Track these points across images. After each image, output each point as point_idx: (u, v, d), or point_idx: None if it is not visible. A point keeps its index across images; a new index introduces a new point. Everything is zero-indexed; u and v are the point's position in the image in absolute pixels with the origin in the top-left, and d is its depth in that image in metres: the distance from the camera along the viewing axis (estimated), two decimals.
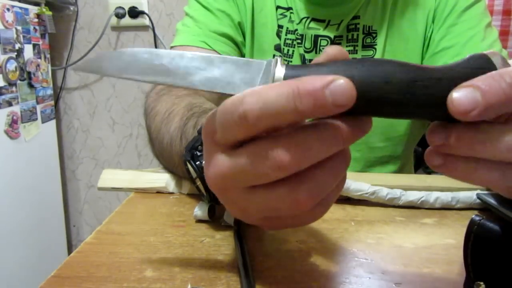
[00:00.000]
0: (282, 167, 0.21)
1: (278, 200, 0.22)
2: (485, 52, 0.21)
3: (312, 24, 0.65)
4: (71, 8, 1.53)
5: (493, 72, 0.20)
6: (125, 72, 0.24)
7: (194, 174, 0.37)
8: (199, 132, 0.38)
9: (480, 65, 0.21)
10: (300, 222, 0.26)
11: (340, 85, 0.20)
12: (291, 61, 0.67)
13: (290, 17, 0.66)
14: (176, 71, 0.24)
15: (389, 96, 0.21)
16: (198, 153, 0.36)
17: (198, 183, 0.38)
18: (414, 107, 0.21)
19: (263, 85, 0.21)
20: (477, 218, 0.26)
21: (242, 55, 0.69)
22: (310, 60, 0.66)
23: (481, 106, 0.19)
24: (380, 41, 0.64)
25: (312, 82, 0.20)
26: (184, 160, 0.37)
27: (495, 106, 0.19)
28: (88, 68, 0.25)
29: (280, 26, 0.67)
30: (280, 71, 0.22)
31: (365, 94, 0.21)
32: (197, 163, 0.36)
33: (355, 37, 0.65)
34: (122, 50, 0.25)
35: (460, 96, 0.19)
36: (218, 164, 0.23)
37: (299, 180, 0.22)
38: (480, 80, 0.19)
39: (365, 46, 0.65)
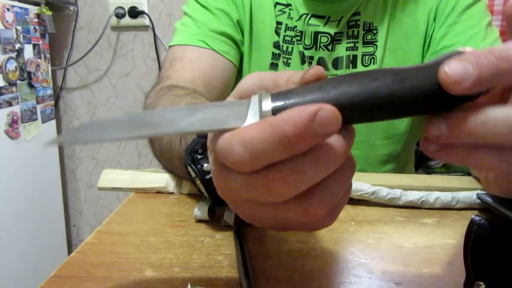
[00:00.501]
0: (280, 194, 0.21)
1: (288, 212, 0.22)
2: (459, 48, 0.21)
3: (312, 21, 0.65)
4: (71, 8, 1.53)
5: (482, 49, 0.20)
6: (105, 134, 0.22)
7: (193, 174, 0.37)
8: (199, 135, 0.38)
9: None
10: (310, 229, 0.26)
11: (325, 115, 0.19)
12: (290, 58, 0.67)
13: (289, 13, 0.66)
14: (159, 122, 0.22)
15: (378, 95, 0.20)
16: (199, 156, 0.36)
17: (198, 182, 0.38)
18: (404, 102, 0.20)
19: (249, 125, 0.20)
20: (477, 218, 0.26)
21: (241, 54, 0.69)
22: (310, 57, 0.66)
23: (473, 76, 0.19)
24: (381, 38, 0.64)
25: (297, 120, 0.19)
26: (185, 163, 0.37)
27: (486, 78, 0.19)
28: (69, 140, 0.24)
29: (278, 23, 0.67)
30: (267, 104, 0.21)
31: (355, 102, 0.20)
32: (198, 166, 0.36)
33: (355, 33, 0.65)
34: (100, 118, 0.24)
35: (452, 66, 0.19)
36: (222, 180, 0.23)
37: (308, 192, 0.21)
38: (470, 54, 0.20)
39: (366, 43, 0.65)
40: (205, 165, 0.35)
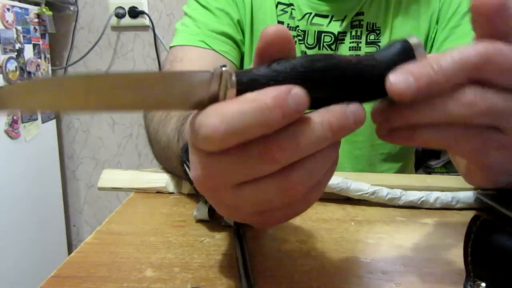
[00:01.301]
0: (275, 160, 0.21)
1: (269, 191, 0.22)
2: (408, 38, 0.25)
3: (316, 20, 0.65)
4: (71, 8, 1.53)
5: (423, 60, 0.23)
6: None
7: (189, 173, 0.37)
8: None
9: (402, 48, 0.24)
10: (294, 212, 0.26)
11: (296, 93, 0.20)
12: None
13: (291, 13, 0.66)
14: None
15: (342, 81, 0.22)
16: None
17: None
18: (362, 88, 0.23)
19: (225, 102, 0.21)
20: (477, 218, 0.26)
21: (242, 54, 0.69)
22: None
23: (414, 88, 0.22)
24: (384, 38, 0.64)
25: (277, 94, 0.20)
26: (181, 161, 0.37)
27: (424, 89, 0.22)
28: None
29: (280, 23, 0.67)
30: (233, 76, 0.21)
31: (323, 85, 0.22)
32: None
33: (358, 33, 0.65)
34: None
35: (397, 79, 0.22)
36: (203, 167, 0.23)
37: (289, 169, 0.22)
38: (413, 67, 0.23)
39: (369, 43, 0.65)
40: None
